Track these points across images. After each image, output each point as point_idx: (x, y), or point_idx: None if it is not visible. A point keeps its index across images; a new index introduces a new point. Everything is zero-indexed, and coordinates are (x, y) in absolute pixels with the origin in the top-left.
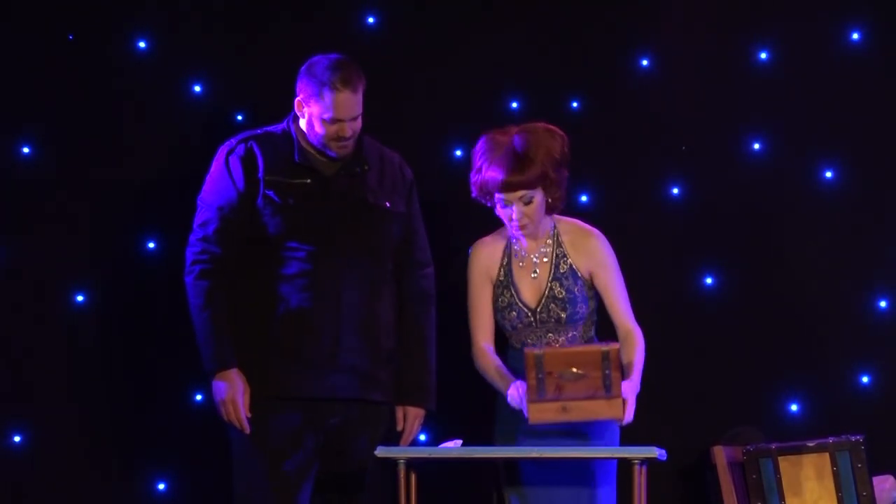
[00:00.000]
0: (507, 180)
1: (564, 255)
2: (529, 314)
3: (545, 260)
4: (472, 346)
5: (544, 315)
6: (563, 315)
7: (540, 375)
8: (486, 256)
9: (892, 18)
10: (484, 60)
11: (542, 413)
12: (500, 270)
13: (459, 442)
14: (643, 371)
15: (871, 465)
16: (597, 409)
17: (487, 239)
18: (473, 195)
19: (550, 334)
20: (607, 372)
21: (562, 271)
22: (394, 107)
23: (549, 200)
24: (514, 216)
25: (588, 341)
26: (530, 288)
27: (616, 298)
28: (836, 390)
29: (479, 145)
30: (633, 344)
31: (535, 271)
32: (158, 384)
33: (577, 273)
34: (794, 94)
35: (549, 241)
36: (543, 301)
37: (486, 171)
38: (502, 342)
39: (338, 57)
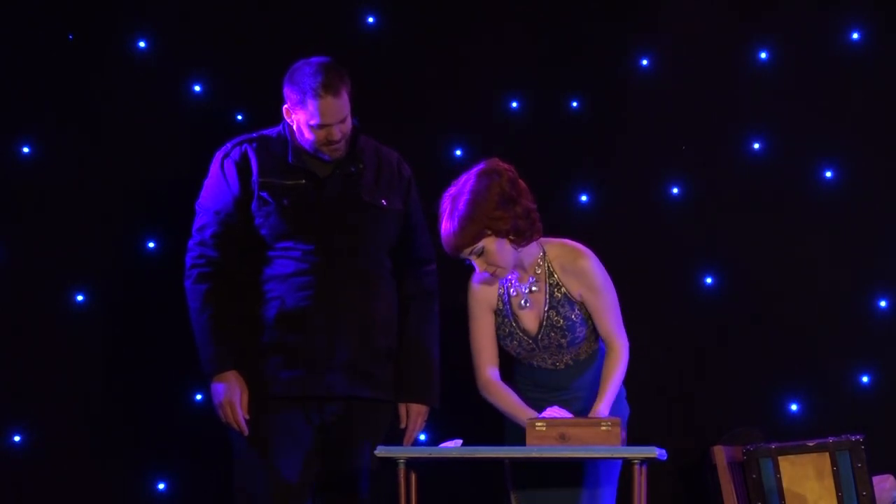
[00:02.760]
0: (447, 246)
1: (558, 284)
2: (530, 341)
3: (535, 290)
4: (477, 376)
5: (545, 342)
6: (563, 341)
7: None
8: (484, 287)
9: (892, 18)
10: (484, 60)
11: (540, 440)
12: (499, 300)
13: (460, 442)
14: (624, 380)
15: (870, 464)
16: (594, 438)
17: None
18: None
19: (555, 356)
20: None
21: (557, 299)
22: (394, 107)
23: (511, 238)
24: (478, 270)
25: (592, 354)
26: (528, 317)
27: (603, 317)
28: (836, 390)
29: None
30: (614, 362)
31: (525, 301)
32: (158, 384)
33: (570, 299)
34: (794, 94)
35: (539, 271)
36: (543, 329)
37: (439, 238)
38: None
39: (319, 61)
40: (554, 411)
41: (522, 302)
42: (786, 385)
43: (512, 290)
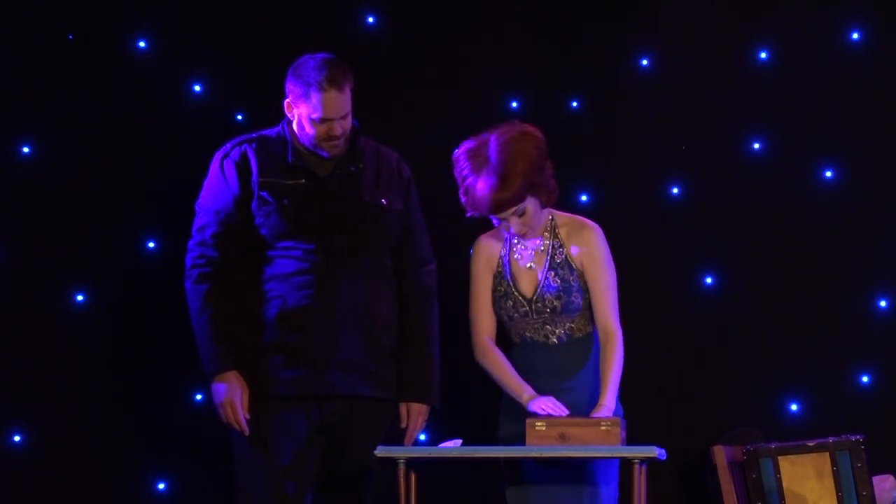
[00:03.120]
0: (495, 203)
1: (561, 246)
2: (525, 304)
3: (541, 250)
4: (474, 340)
5: (539, 304)
6: (557, 304)
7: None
8: (487, 250)
9: (892, 18)
10: (484, 60)
11: (540, 440)
12: (499, 261)
13: (459, 441)
14: (623, 373)
15: (870, 464)
16: (594, 438)
17: (489, 233)
18: (468, 215)
19: (548, 326)
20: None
21: (557, 261)
22: (394, 106)
23: (542, 199)
24: (512, 229)
25: (586, 337)
26: (527, 278)
27: (600, 294)
28: (836, 390)
29: (458, 163)
30: (612, 352)
31: (531, 263)
32: (158, 384)
33: (571, 264)
34: (794, 95)
35: (547, 234)
36: (539, 291)
37: (473, 195)
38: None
39: (324, 56)
40: (547, 403)
41: (530, 265)
42: (786, 385)
43: (515, 253)
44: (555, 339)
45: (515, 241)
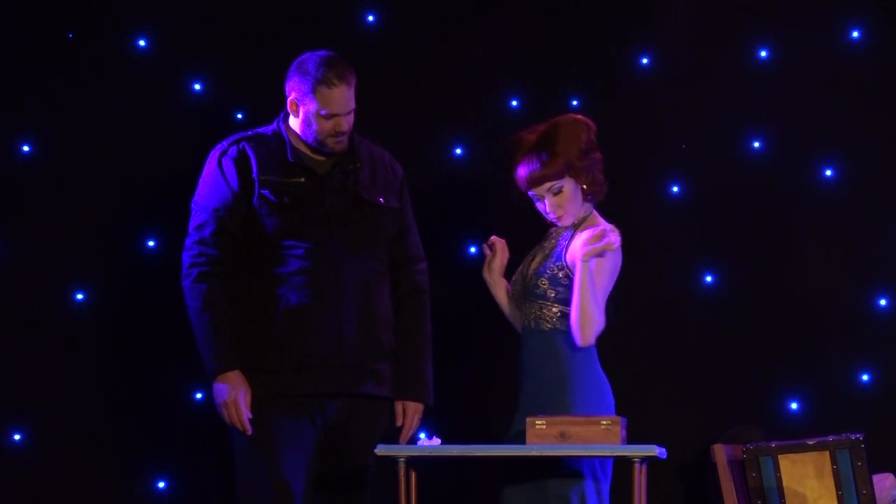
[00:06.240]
0: (531, 175)
1: (568, 242)
2: (521, 282)
3: (557, 240)
4: None
5: (532, 283)
6: (551, 292)
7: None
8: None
9: (892, 18)
10: (483, 59)
11: (540, 438)
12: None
13: (438, 441)
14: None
15: (871, 463)
16: (594, 437)
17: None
18: (514, 201)
19: (543, 310)
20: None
21: (557, 251)
22: (393, 106)
23: (584, 187)
24: (547, 208)
25: (555, 335)
26: (538, 259)
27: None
28: (836, 389)
29: (510, 152)
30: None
31: (549, 248)
32: (158, 384)
33: (563, 255)
34: (794, 94)
35: (573, 228)
36: (536, 270)
37: (516, 172)
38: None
39: (327, 53)
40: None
41: (548, 250)
42: (786, 384)
43: (546, 240)
44: (548, 325)
45: (553, 229)
